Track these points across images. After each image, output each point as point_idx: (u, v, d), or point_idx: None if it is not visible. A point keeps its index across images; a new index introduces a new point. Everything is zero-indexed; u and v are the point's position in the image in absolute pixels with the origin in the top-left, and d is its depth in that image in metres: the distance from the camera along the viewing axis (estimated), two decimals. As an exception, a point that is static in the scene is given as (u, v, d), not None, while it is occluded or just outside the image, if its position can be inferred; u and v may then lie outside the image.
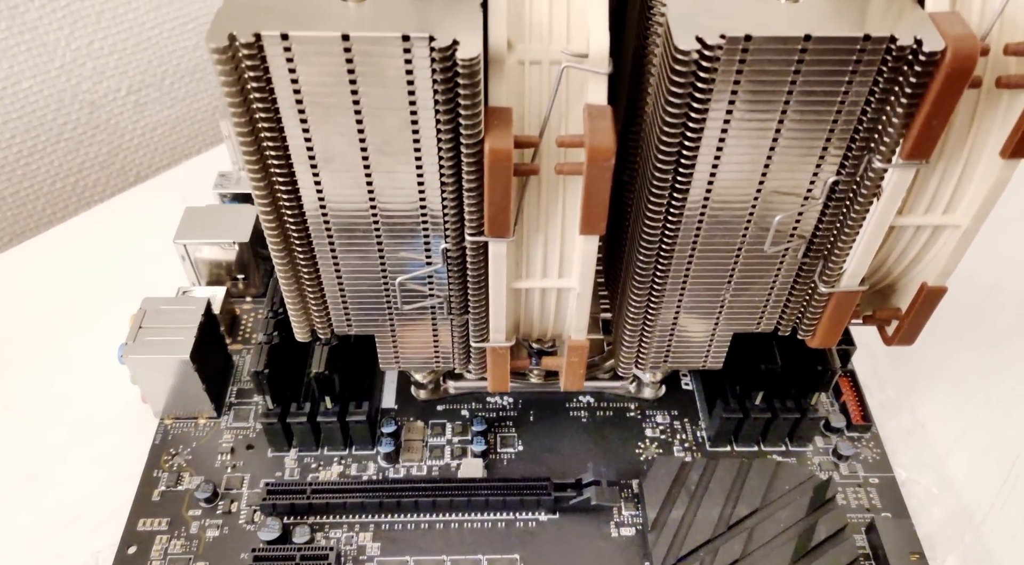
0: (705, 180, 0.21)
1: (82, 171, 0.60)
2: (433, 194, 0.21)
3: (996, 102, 0.20)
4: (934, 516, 0.34)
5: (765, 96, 0.19)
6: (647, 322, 0.26)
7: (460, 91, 0.19)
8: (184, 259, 0.40)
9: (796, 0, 0.19)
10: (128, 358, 0.33)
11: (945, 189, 0.22)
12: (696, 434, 0.36)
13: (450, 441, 0.35)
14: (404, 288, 0.24)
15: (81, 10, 0.53)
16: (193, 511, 0.32)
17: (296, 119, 0.19)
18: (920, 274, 0.24)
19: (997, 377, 0.39)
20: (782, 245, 0.23)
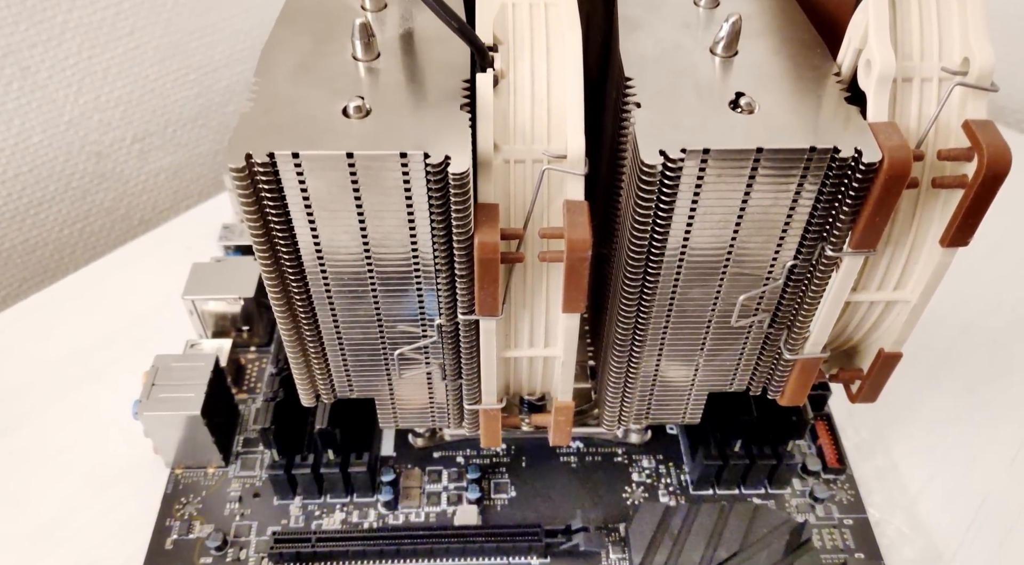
0: (675, 265, 0.23)
1: (88, 217, 0.63)
2: (428, 283, 0.23)
3: (935, 198, 0.22)
4: (905, 556, 0.36)
5: (724, 197, 0.21)
6: (628, 384, 0.28)
7: (452, 197, 0.21)
8: (192, 313, 0.42)
9: (752, 112, 0.21)
10: (143, 415, 0.35)
11: (894, 270, 0.24)
12: (680, 478, 0.38)
13: (446, 487, 0.37)
14: (402, 356, 0.26)
15: (89, 67, 0.56)
16: (204, 559, 0.34)
17: (305, 221, 0.22)
18: (878, 340, 0.27)
19: (966, 419, 0.41)
20: (748, 319, 0.25)
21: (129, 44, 0.58)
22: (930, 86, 0.21)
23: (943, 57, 0.21)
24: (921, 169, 0.22)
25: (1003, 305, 0.47)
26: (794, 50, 0.24)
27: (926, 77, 0.21)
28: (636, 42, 0.24)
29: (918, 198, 0.23)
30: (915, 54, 0.21)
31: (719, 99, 0.22)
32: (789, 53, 0.23)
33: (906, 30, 0.21)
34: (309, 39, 0.24)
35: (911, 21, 0.21)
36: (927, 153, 0.22)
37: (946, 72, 0.21)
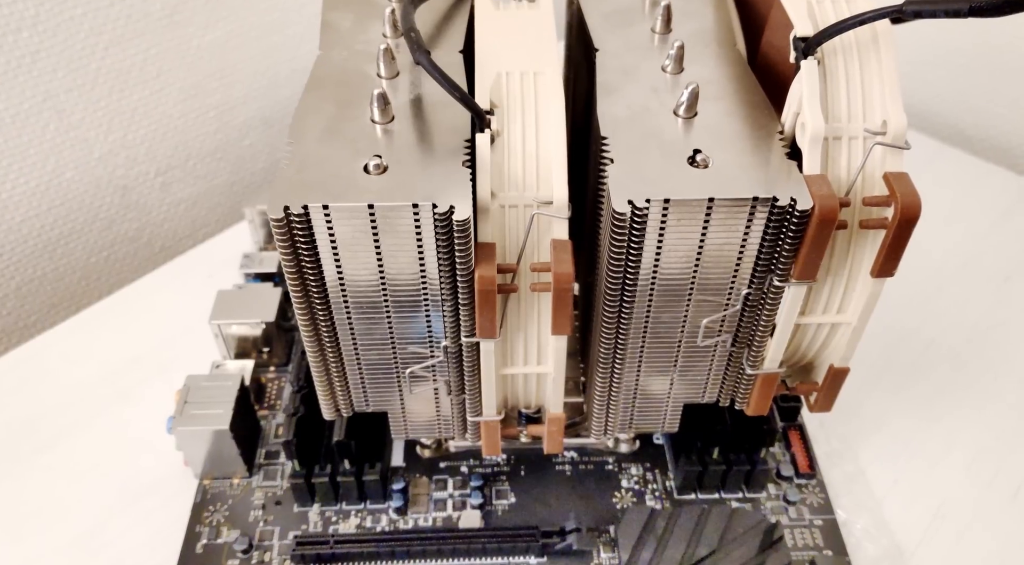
0: (647, 294, 0.27)
1: (113, 246, 0.67)
2: (435, 311, 0.27)
3: (864, 236, 0.26)
4: (869, 553, 0.39)
5: (684, 238, 0.25)
6: (611, 397, 0.32)
7: (456, 239, 0.25)
8: (217, 336, 0.46)
9: (707, 167, 0.25)
10: (176, 430, 0.39)
11: (835, 297, 0.28)
12: (666, 483, 0.41)
13: (451, 494, 0.41)
14: (413, 374, 0.30)
15: (118, 108, 0.60)
16: (232, 561, 0.38)
17: (332, 260, 0.26)
18: (828, 357, 0.31)
19: (928, 429, 0.45)
20: (712, 339, 0.29)
21: (155, 86, 0.62)
22: (856, 143, 0.25)
23: (866, 119, 0.25)
24: (850, 213, 0.26)
25: (964, 324, 0.51)
26: (746, 111, 0.28)
27: (852, 136, 0.25)
28: (611, 105, 0.28)
29: (850, 236, 0.27)
30: (843, 117, 0.25)
31: (679, 155, 0.26)
32: (741, 114, 0.28)
33: (836, 97, 0.25)
34: (333, 105, 0.28)
35: (839, 90, 0.25)
36: (854, 200, 0.26)
37: (868, 132, 0.25)
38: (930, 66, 0.69)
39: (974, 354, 0.49)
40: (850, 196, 0.26)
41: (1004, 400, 0.46)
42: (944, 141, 0.68)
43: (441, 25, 0.31)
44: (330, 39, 0.31)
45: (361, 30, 0.31)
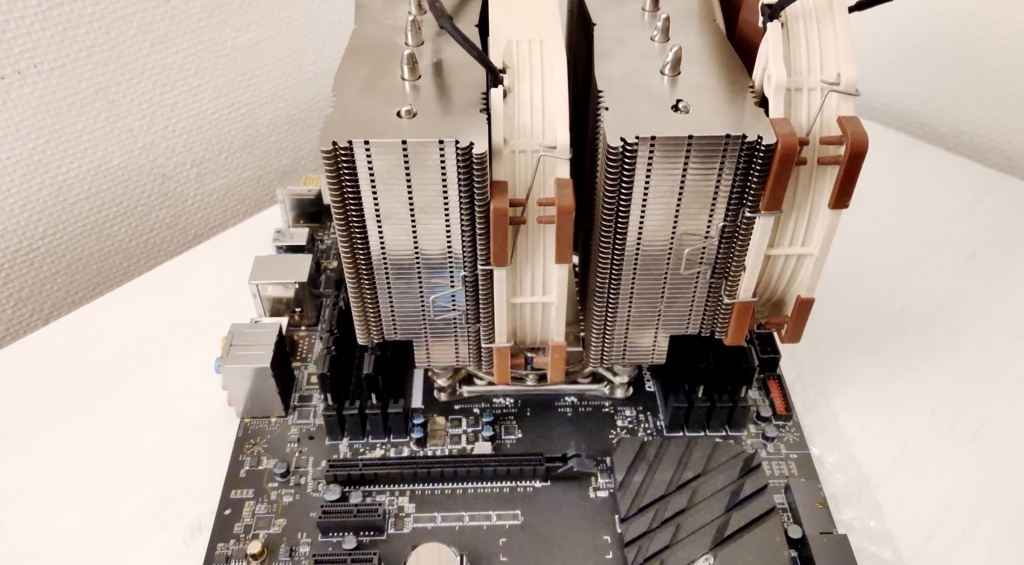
0: (636, 227, 0.31)
1: (152, 231, 0.70)
2: (456, 239, 0.31)
3: (823, 173, 0.30)
4: (838, 481, 0.42)
5: (668, 172, 0.29)
6: (607, 328, 0.36)
7: (474, 173, 0.29)
8: (255, 297, 0.50)
9: (687, 113, 0.29)
10: (224, 368, 0.42)
11: (800, 229, 0.32)
12: (656, 423, 0.45)
13: (465, 431, 0.44)
14: (435, 304, 0.34)
15: (161, 101, 0.64)
16: (272, 484, 0.41)
17: (370, 191, 0.29)
18: (795, 290, 0.34)
19: (896, 382, 0.48)
20: (694, 269, 0.32)
21: (193, 83, 0.66)
22: (815, 94, 0.29)
23: (823, 72, 0.29)
24: (810, 151, 0.30)
25: (932, 295, 0.54)
26: (722, 72, 0.32)
27: (811, 87, 0.29)
28: (606, 67, 0.32)
29: (811, 173, 0.30)
30: (803, 71, 0.29)
31: (664, 104, 0.30)
32: (719, 74, 0.31)
33: (797, 54, 0.29)
34: (368, 67, 0.32)
35: (800, 48, 0.29)
36: (813, 141, 0.29)
37: (824, 83, 0.29)
38: (906, 68, 0.73)
39: (940, 320, 0.52)
40: (809, 137, 0.29)
41: (965, 358, 0.50)
42: (919, 138, 0.72)
43: (459, 5, 0.35)
44: (363, 16, 0.35)
45: (390, 9, 0.35)
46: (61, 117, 0.58)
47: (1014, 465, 0.43)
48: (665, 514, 0.38)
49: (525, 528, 0.39)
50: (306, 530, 0.39)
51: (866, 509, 0.41)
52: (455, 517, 0.40)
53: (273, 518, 0.40)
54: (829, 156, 0.29)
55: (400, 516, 0.40)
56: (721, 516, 0.38)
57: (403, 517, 0.40)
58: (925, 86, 0.72)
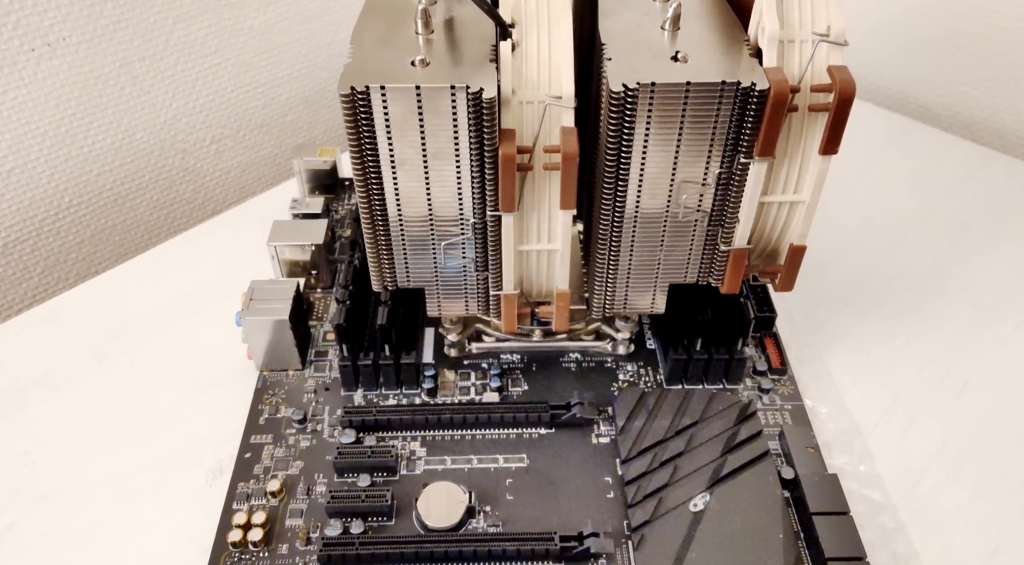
0: (637, 174, 0.32)
1: (173, 205, 0.72)
2: (466, 185, 0.32)
3: (814, 120, 0.31)
4: (831, 430, 0.44)
5: (668, 117, 0.30)
6: (609, 277, 0.37)
7: (484, 118, 0.30)
8: (273, 258, 0.51)
9: (686, 62, 0.30)
10: (244, 320, 0.44)
11: (792, 176, 0.33)
12: (656, 377, 0.46)
13: (474, 383, 0.45)
14: (446, 251, 0.35)
15: (182, 77, 0.66)
16: (290, 430, 0.43)
17: (385, 136, 0.31)
18: (789, 237, 0.35)
19: (887, 342, 0.49)
20: (692, 217, 0.33)
21: (214, 60, 0.67)
22: (806, 45, 0.30)
23: (814, 25, 0.30)
24: (801, 99, 0.31)
25: (925, 262, 0.55)
26: (720, 28, 0.33)
27: (803, 39, 0.30)
28: (610, 24, 0.33)
29: (802, 121, 0.31)
30: (795, 23, 0.30)
31: (664, 55, 0.31)
32: (716, 29, 0.32)
33: (790, 8, 0.30)
34: (384, 23, 0.33)
35: (792, 2, 0.30)
36: (804, 88, 0.30)
37: (815, 35, 0.30)
38: (902, 52, 0.73)
39: (932, 285, 0.53)
40: (800, 85, 0.30)
41: (956, 319, 0.51)
42: (915, 119, 0.72)
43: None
44: (380, -22, 0.36)
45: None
46: (88, 89, 0.60)
47: (1001, 416, 0.44)
48: (663, 457, 0.39)
49: (530, 470, 0.40)
50: (322, 471, 0.40)
51: (857, 455, 0.42)
52: (464, 460, 0.41)
53: (291, 460, 0.41)
54: (819, 103, 0.30)
55: (412, 459, 0.41)
56: (717, 459, 0.39)
57: (415, 460, 0.41)
58: (920, 68, 0.73)
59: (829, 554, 0.34)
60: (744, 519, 0.36)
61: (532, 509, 0.38)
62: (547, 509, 0.39)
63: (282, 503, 0.39)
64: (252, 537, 0.37)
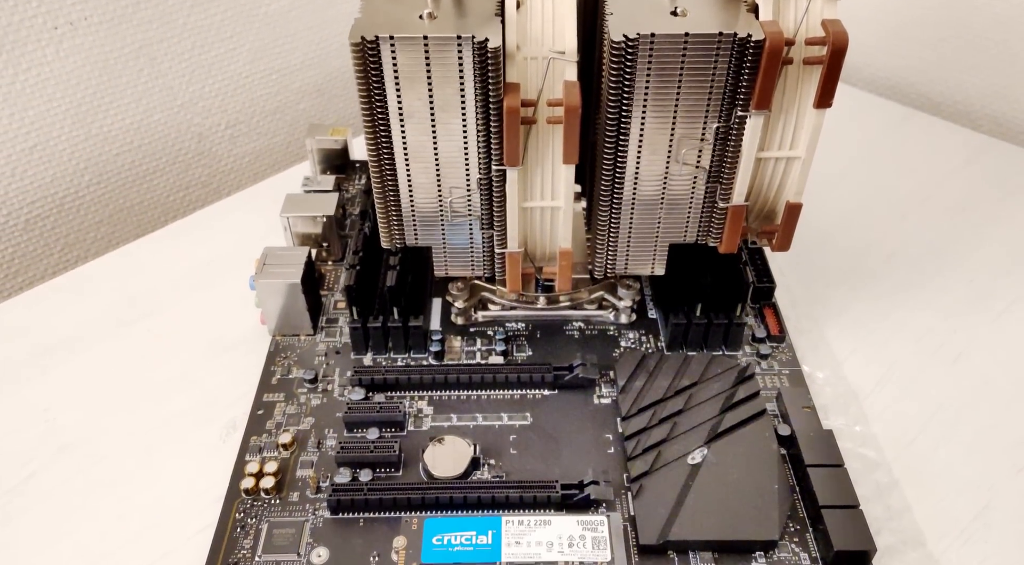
0: (638, 128, 0.33)
1: (188, 188, 0.73)
2: (472, 139, 0.33)
3: (809, 74, 0.32)
4: (827, 393, 0.44)
5: (667, 67, 0.31)
6: (611, 235, 0.37)
7: (489, 68, 0.30)
8: (286, 230, 0.52)
9: (685, 16, 0.31)
10: (257, 283, 0.44)
11: (787, 133, 0.33)
12: (657, 344, 0.46)
13: (479, 349, 0.46)
14: (452, 210, 0.35)
15: (199, 61, 0.67)
16: (301, 389, 0.43)
17: (393, 88, 0.31)
18: (785, 195, 0.36)
19: (884, 316, 0.49)
20: (691, 172, 0.34)
21: (229, 45, 0.68)
22: (801, 2, 0.31)
23: (810, -19, 0.31)
24: (796, 52, 0.31)
25: (923, 240, 0.55)
26: (718, -13, 0.33)
27: (799, -5, 0.31)
28: (612, -15, 0.34)
29: (797, 75, 0.32)
30: (792, -21, 0.31)
31: (664, 10, 0.31)
32: (714, -12, 0.33)
33: (786, -36, 0.31)
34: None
35: (788, -42, 0.31)
36: (798, 41, 0.31)
37: (811, -10, 0.31)
38: (903, 41, 0.74)
39: (929, 262, 0.54)
40: (795, 38, 0.31)
41: (952, 294, 0.51)
42: (916, 108, 0.73)
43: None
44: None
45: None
46: (108, 69, 0.61)
47: (995, 383, 0.44)
48: (662, 414, 0.40)
49: (534, 427, 0.41)
50: (332, 427, 0.41)
51: (852, 417, 0.42)
52: (469, 418, 0.41)
53: (302, 416, 0.42)
54: (814, 56, 0.31)
55: (419, 416, 0.41)
56: (715, 417, 0.40)
57: (422, 417, 0.41)
58: (919, 57, 0.74)
59: (823, 502, 0.35)
60: (740, 471, 0.37)
61: (535, 462, 0.39)
62: (549, 462, 0.39)
63: (293, 455, 0.40)
64: (264, 485, 0.37)
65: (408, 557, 0.34)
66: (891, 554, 0.35)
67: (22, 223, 0.62)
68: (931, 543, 0.36)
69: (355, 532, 0.36)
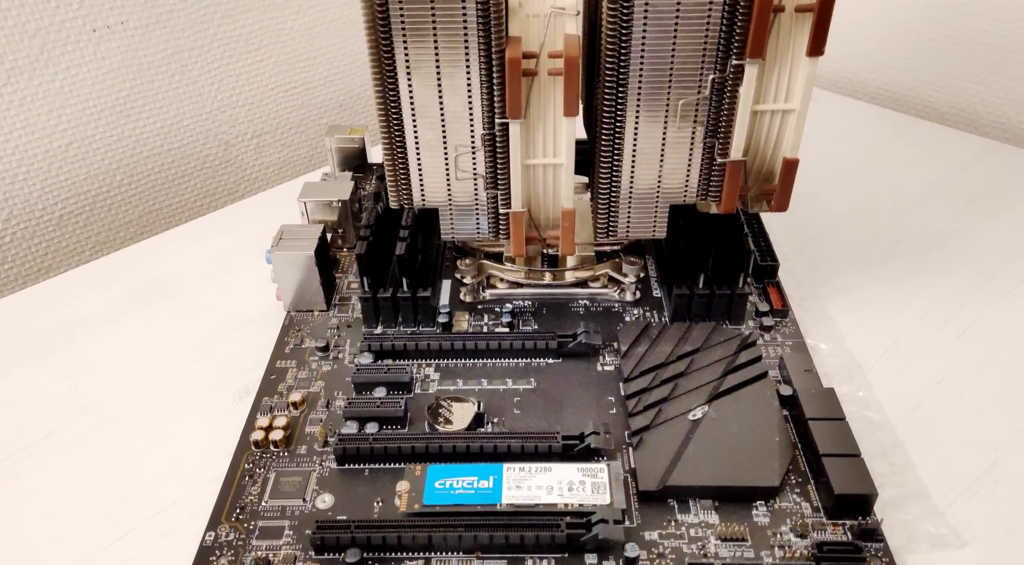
0: (636, 79, 0.34)
1: (216, 195, 0.75)
2: (476, 92, 0.34)
3: (802, 22, 0.33)
4: (831, 363, 0.43)
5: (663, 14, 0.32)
6: (612, 195, 0.38)
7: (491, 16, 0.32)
8: (302, 215, 0.53)
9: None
10: (273, 255, 0.45)
11: (782, 85, 0.34)
12: (661, 319, 0.46)
13: (487, 324, 0.46)
14: (458, 168, 0.36)
15: (227, 71, 0.69)
16: (312, 357, 0.44)
17: (401, 41, 0.33)
18: (781, 152, 0.36)
19: (889, 295, 0.49)
20: (689, 123, 0.35)
21: (256, 57, 0.71)
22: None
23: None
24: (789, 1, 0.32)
25: (929, 229, 0.55)
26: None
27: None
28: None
29: (790, 25, 0.33)
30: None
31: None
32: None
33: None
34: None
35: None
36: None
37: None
38: (906, 52, 0.75)
39: (934, 248, 0.54)
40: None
41: (957, 276, 0.51)
42: (921, 117, 0.73)
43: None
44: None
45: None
46: (141, 73, 0.63)
47: (1003, 356, 0.44)
48: (664, 376, 0.40)
49: (537, 391, 0.41)
50: (342, 390, 0.41)
51: (856, 384, 0.42)
52: (475, 382, 0.42)
53: (313, 380, 0.42)
54: (804, 3, 0.32)
55: (426, 381, 0.42)
56: (716, 379, 0.39)
57: (428, 381, 0.42)
58: (924, 67, 0.74)
59: (824, 451, 0.34)
60: (742, 425, 0.36)
61: (538, 422, 0.39)
62: (552, 421, 0.39)
63: (303, 414, 0.40)
64: (273, 437, 0.38)
65: (411, 500, 0.33)
66: (895, 505, 0.34)
67: (55, 219, 0.64)
68: (936, 497, 0.35)
69: (360, 481, 0.36)
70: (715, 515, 0.34)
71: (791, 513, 0.34)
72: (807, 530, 0.33)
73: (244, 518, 0.34)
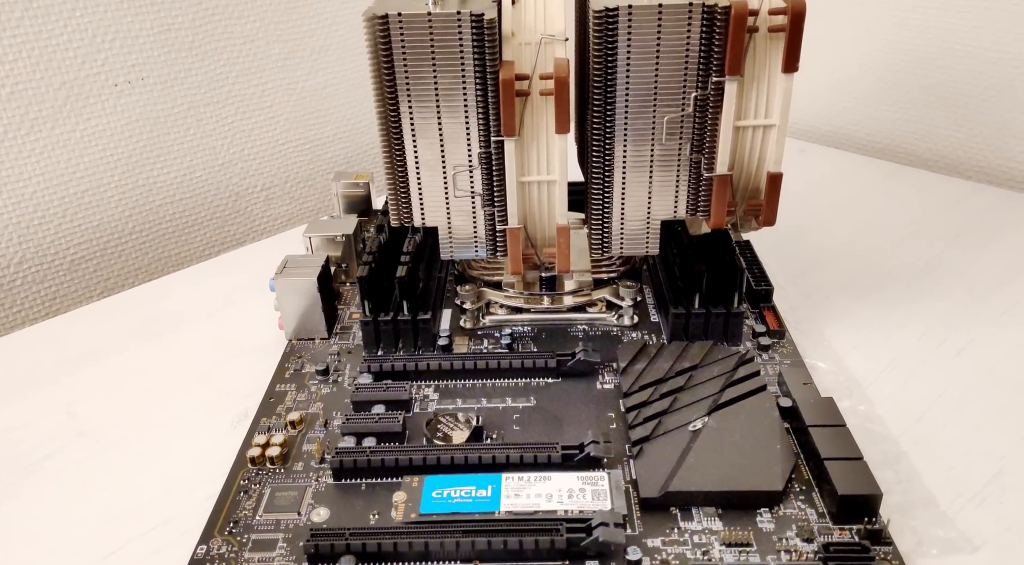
0: (623, 96, 0.35)
1: (224, 244, 0.76)
2: (472, 113, 0.35)
3: (776, 42, 0.34)
4: (830, 381, 0.43)
5: (645, 36, 0.33)
6: (604, 210, 0.38)
7: (486, 40, 0.33)
8: (307, 249, 0.54)
9: (659, -9, 0.34)
10: (277, 282, 0.46)
11: (761, 102, 0.35)
12: (659, 341, 0.46)
13: (487, 348, 0.46)
14: (456, 186, 0.37)
15: (239, 126, 0.71)
16: (312, 380, 0.44)
17: (402, 64, 0.34)
18: (765, 167, 0.37)
19: (884, 318, 0.48)
20: (675, 140, 0.35)
21: (268, 114, 0.74)
22: (764, -23, 0.34)
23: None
24: (762, 22, 0.33)
25: (921, 259, 0.56)
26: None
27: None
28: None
29: (765, 45, 0.34)
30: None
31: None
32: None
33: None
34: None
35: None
36: (761, 11, 0.33)
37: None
38: (885, 104, 0.77)
39: (927, 275, 0.54)
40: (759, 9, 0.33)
41: (952, 300, 0.50)
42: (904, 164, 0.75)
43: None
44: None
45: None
46: (158, 126, 0.65)
47: (1000, 373, 0.43)
48: (664, 390, 0.39)
49: (537, 409, 0.40)
50: (340, 410, 0.41)
51: (856, 399, 0.41)
52: (474, 401, 0.41)
53: (311, 401, 0.42)
54: (776, 25, 0.33)
55: (425, 402, 0.41)
56: (715, 393, 0.39)
57: (428, 401, 0.41)
58: (902, 117, 0.76)
59: (826, 455, 0.33)
60: (742, 434, 0.36)
61: (537, 436, 0.38)
62: (552, 437, 0.38)
63: (300, 433, 0.39)
64: (270, 453, 0.37)
65: (407, 510, 0.32)
66: (902, 511, 0.33)
67: (67, 263, 0.64)
68: (944, 504, 0.34)
69: (357, 495, 0.35)
70: (719, 522, 0.32)
71: (796, 519, 0.33)
72: (813, 535, 0.31)
73: (237, 532, 0.33)
